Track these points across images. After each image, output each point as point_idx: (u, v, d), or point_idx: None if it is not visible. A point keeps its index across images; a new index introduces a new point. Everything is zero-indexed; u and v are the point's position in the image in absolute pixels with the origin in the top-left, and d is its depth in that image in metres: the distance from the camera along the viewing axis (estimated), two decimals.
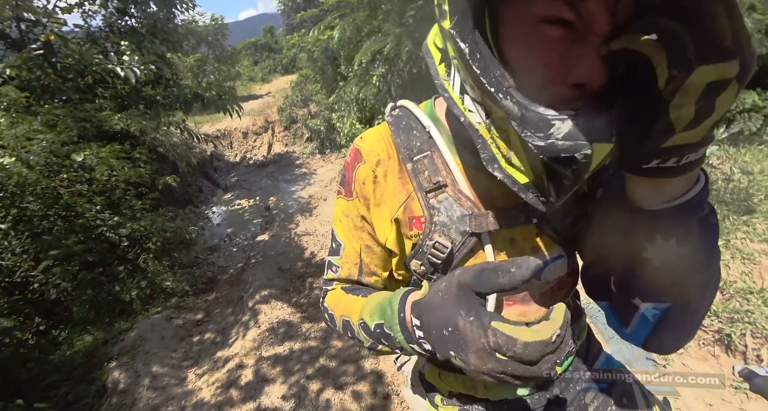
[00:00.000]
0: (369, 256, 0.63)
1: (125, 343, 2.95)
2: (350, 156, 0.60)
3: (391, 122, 0.60)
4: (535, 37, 0.37)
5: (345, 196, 0.61)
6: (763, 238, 2.48)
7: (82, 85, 4.37)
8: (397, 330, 0.49)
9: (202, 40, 12.42)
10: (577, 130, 0.35)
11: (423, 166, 0.55)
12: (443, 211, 0.55)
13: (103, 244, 3.60)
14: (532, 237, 0.56)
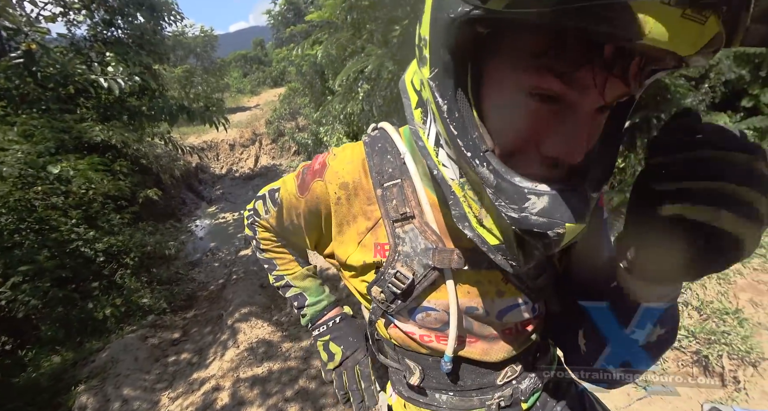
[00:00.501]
0: (291, 230, 0.70)
1: (96, 365, 2.81)
2: (319, 163, 0.59)
3: (368, 143, 0.58)
4: (519, 107, 0.35)
5: (297, 188, 0.61)
6: None
7: (64, 95, 4.28)
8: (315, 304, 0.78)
9: (190, 51, 12.41)
10: (552, 209, 0.35)
11: (392, 194, 0.55)
12: (408, 242, 0.54)
13: (77, 260, 3.47)
14: (497, 280, 0.56)
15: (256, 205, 0.74)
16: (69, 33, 5.06)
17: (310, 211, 0.61)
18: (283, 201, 0.65)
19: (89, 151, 4.07)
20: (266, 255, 0.80)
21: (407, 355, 0.64)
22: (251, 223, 0.78)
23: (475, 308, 0.56)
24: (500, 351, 0.60)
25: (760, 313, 2.19)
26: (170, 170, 6.78)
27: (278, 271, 0.80)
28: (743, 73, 3.30)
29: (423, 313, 0.57)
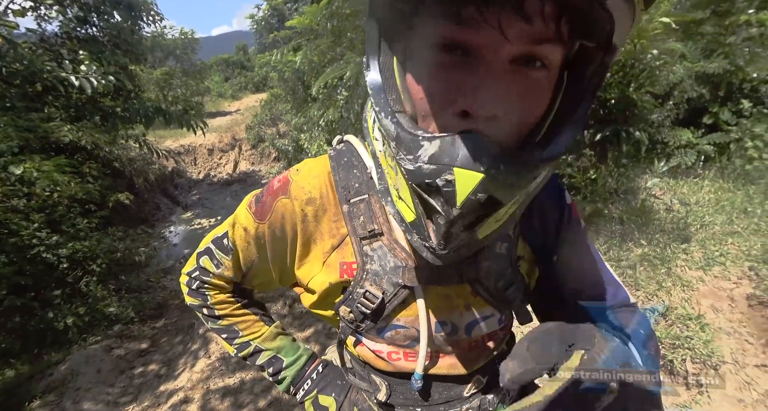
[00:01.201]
0: (254, 272, 0.63)
1: (54, 378, 2.64)
2: (279, 181, 0.56)
3: (333, 157, 0.56)
4: (426, 63, 0.35)
5: (254, 216, 0.56)
6: (700, 265, 2.68)
7: (30, 93, 4.09)
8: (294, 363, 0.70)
9: (169, 53, 12.16)
10: (441, 153, 0.32)
11: (359, 211, 0.52)
12: (376, 260, 0.52)
13: (38, 266, 3.28)
14: (466, 294, 0.55)
15: (201, 262, 0.63)
16: (39, 28, 4.87)
17: (275, 236, 0.56)
18: (237, 242, 0.59)
19: (56, 151, 3.90)
20: (223, 322, 0.68)
21: (374, 371, 0.63)
22: (198, 288, 0.66)
23: (444, 324, 0.55)
24: (468, 364, 0.60)
25: (721, 319, 2.30)
26: (144, 174, 6.57)
27: (242, 337, 0.68)
28: (704, 92, 3.53)
29: (392, 331, 0.56)
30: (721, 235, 2.96)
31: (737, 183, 3.62)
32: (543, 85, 0.35)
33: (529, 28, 0.31)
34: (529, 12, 0.30)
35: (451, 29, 0.32)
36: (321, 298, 0.57)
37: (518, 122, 0.35)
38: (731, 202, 3.34)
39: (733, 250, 2.80)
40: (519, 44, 0.32)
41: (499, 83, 0.32)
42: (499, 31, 0.30)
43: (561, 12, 0.31)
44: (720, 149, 3.78)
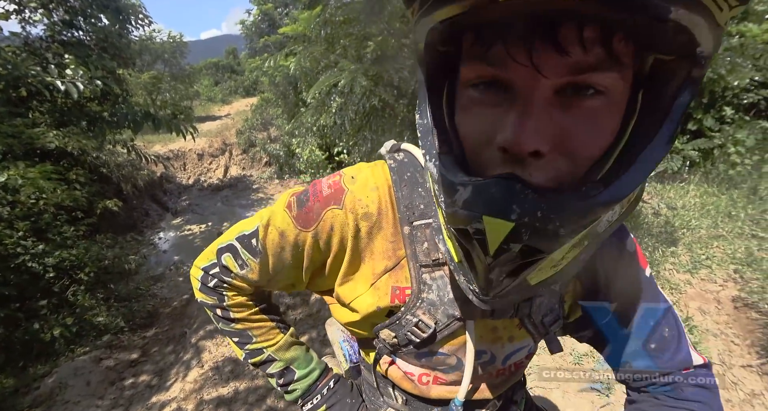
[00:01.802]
0: (282, 277, 0.57)
1: (41, 392, 2.57)
2: (329, 187, 0.51)
3: (394, 168, 0.51)
4: (465, 103, 0.35)
5: (296, 221, 0.51)
6: (687, 268, 2.74)
7: (14, 98, 4.00)
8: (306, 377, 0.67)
9: (158, 57, 12.03)
10: (473, 199, 0.31)
11: (423, 236, 0.48)
12: (435, 290, 0.49)
13: (23, 276, 3.19)
14: (513, 327, 0.54)
15: (223, 260, 0.57)
16: (23, 32, 4.77)
17: (317, 247, 0.51)
18: (269, 246, 0.53)
19: (42, 158, 3.81)
20: (238, 326, 0.64)
21: (395, 388, 0.63)
22: (216, 286, 0.60)
23: (484, 353, 0.55)
24: (494, 389, 0.60)
25: (708, 321, 2.36)
26: (133, 180, 6.46)
27: (255, 344, 0.64)
28: None
29: (432, 357, 0.55)
30: (707, 239, 3.04)
31: (721, 187, 3.72)
32: (601, 113, 0.31)
33: (567, 59, 0.28)
34: (564, 42, 0.27)
35: (485, 69, 0.31)
36: (363, 319, 0.53)
37: (572, 158, 0.32)
38: (716, 206, 3.43)
39: (719, 253, 2.88)
40: (556, 77, 0.29)
41: (540, 116, 0.30)
42: (532, 67, 0.28)
43: (611, 32, 0.28)
44: (704, 154, 3.88)
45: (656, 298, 0.55)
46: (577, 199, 0.30)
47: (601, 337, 0.58)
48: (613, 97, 0.31)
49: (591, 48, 0.28)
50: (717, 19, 0.26)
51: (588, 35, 0.27)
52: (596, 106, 0.31)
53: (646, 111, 0.32)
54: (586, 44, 0.27)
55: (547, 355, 2.19)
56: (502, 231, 0.30)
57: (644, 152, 0.30)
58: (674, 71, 0.30)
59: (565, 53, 0.27)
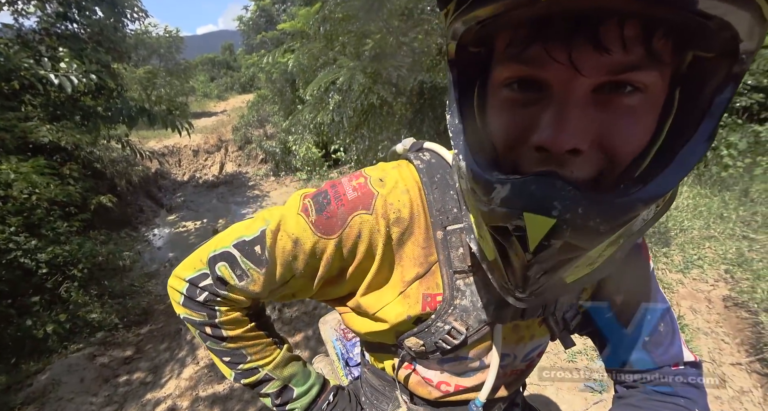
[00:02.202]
0: (288, 287, 0.52)
1: (33, 389, 2.55)
2: (355, 190, 0.46)
3: (422, 170, 0.48)
4: (503, 103, 0.34)
5: (315, 227, 0.46)
6: (679, 268, 2.78)
7: (7, 91, 3.94)
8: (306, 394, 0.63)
9: (153, 51, 11.89)
10: (512, 197, 0.31)
11: (458, 241, 0.46)
12: (468, 296, 0.48)
13: (15, 272, 3.15)
14: (534, 326, 0.54)
15: (217, 270, 0.49)
16: (16, 24, 4.69)
17: (340, 255, 0.47)
18: (278, 255, 0.47)
19: (34, 152, 3.76)
20: (231, 345, 0.56)
21: (403, 391, 0.62)
22: (207, 301, 0.52)
23: (507, 355, 0.55)
24: (509, 387, 0.61)
25: (699, 319, 2.40)
26: (127, 175, 6.40)
27: (250, 363, 0.58)
28: None
29: (456, 362, 0.54)
30: (699, 240, 3.08)
31: (714, 189, 3.78)
32: (639, 110, 0.31)
33: (607, 58, 0.27)
34: (605, 41, 0.27)
35: (521, 69, 0.31)
36: (390, 328, 0.50)
37: (611, 155, 0.31)
38: (708, 208, 3.48)
39: (710, 253, 2.92)
40: (596, 76, 0.28)
41: (578, 114, 0.29)
42: (571, 66, 0.28)
43: (651, 30, 0.27)
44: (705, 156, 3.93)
45: (656, 293, 0.56)
46: (618, 197, 0.30)
47: (600, 332, 0.59)
48: (652, 95, 0.30)
49: (632, 47, 0.27)
50: (764, 14, 0.25)
51: (629, 33, 0.27)
52: (634, 104, 0.30)
53: (684, 109, 0.32)
54: (627, 43, 0.27)
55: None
56: (543, 227, 0.29)
57: (683, 150, 0.30)
58: (714, 68, 0.29)
59: (605, 52, 0.27)
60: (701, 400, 0.55)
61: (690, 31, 0.27)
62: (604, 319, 0.57)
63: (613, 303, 0.56)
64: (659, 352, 0.56)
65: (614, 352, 0.58)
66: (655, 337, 0.55)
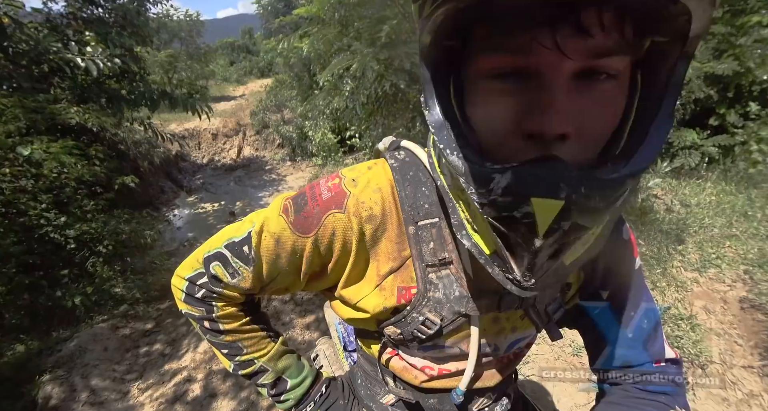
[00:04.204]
0: (277, 283, 0.55)
1: (62, 354, 2.74)
2: (329, 190, 0.49)
3: (396, 168, 0.50)
4: (487, 94, 0.34)
5: (293, 227, 0.49)
6: (695, 267, 2.71)
7: (37, 74, 4.09)
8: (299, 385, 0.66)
9: (174, 35, 12.03)
10: (515, 184, 0.31)
11: (429, 236, 0.48)
12: (441, 289, 0.50)
13: (46, 246, 3.35)
14: (515, 318, 0.55)
15: (212, 269, 0.54)
16: (45, 8, 4.83)
17: (318, 253, 0.50)
18: (263, 253, 0.51)
19: (63, 133, 3.92)
20: (228, 338, 0.60)
21: (389, 376, 0.64)
22: (204, 297, 0.56)
23: (488, 345, 0.56)
24: (492, 378, 0.62)
25: (712, 320, 2.35)
26: (149, 157, 6.61)
27: (246, 355, 0.62)
28: (712, 93, 3.49)
29: (436, 350, 0.56)
30: (720, 238, 2.98)
31: (740, 186, 3.62)
32: (612, 95, 0.33)
33: (589, 41, 0.29)
34: (586, 25, 0.28)
35: (506, 58, 0.32)
36: (370, 318, 0.54)
37: (592, 138, 0.33)
38: (732, 205, 3.35)
39: (730, 253, 2.83)
40: (580, 60, 0.30)
41: (564, 100, 0.30)
42: (557, 50, 0.29)
43: (624, 17, 0.29)
44: (725, 151, 3.76)
45: (641, 289, 0.57)
46: (610, 174, 0.32)
47: (588, 326, 0.60)
48: (622, 80, 0.33)
49: (609, 31, 0.29)
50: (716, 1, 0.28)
51: (607, 19, 0.29)
52: (608, 89, 0.32)
53: (646, 90, 0.34)
54: (606, 28, 0.29)
55: (546, 345, 2.23)
56: (552, 211, 0.30)
57: (652, 126, 0.33)
58: (669, 51, 0.32)
59: (588, 35, 0.29)
60: (681, 397, 0.55)
61: (652, 17, 0.30)
62: (596, 313, 0.58)
63: (598, 297, 0.57)
64: (640, 348, 0.57)
65: (598, 344, 0.59)
66: (639, 332, 0.57)
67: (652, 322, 0.57)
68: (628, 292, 0.56)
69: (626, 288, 0.56)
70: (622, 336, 0.57)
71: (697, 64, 3.32)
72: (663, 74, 0.33)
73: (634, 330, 0.56)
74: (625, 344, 0.57)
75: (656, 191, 3.73)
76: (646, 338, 0.57)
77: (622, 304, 0.56)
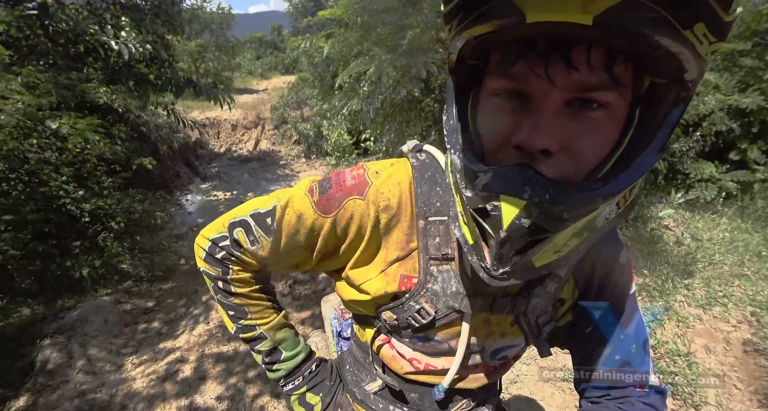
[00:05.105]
0: (291, 257, 0.60)
1: (65, 322, 2.83)
2: (354, 179, 0.54)
3: (416, 167, 0.55)
4: (488, 109, 0.40)
5: (316, 206, 0.54)
6: (700, 303, 2.64)
7: (72, 53, 4.28)
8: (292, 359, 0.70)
9: (206, 26, 12.36)
10: (491, 183, 0.36)
11: (436, 231, 0.52)
12: (440, 282, 0.53)
13: (62, 217, 3.48)
14: (506, 323, 0.57)
15: (235, 234, 0.59)
16: None
17: (334, 233, 0.54)
18: (284, 227, 0.55)
19: (90, 111, 4.07)
20: (236, 300, 0.65)
21: (378, 364, 0.67)
22: (223, 258, 0.61)
23: (476, 346, 0.58)
24: (475, 381, 0.63)
25: (712, 360, 2.28)
26: (169, 141, 6.79)
27: (249, 320, 0.67)
28: (734, 127, 3.42)
29: (426, 342, 0.59)
30: (729, 276, 2.90)
31: (756, 225, 3.52)
32: (602, 123, 0.36)
33: (576, 76, 0.33)
34: (575, 62, 0.33)
35: (508, 83, 0.37)
36: (371, 300, 0.57)
37: (577, 159, 0.37)
38: (746, 244, 3.26)
39: (738, 292, 2.75)
40: (568, 91, 0.34)
41: (551, 121, 0.35)
42: (547, 80, 0.34)
43: (612, 58, 0.33)
44: (743, 188, 3.66)
45: (634, 313, 0.59)
46: (579, 190, 0.35)
47: (578, 344, 0.61)
48: (614, 111, 0.36)
49: (596, 69, 0.33)
50: (699, 51, 0.30)
51: (594, 58, 0.33)
52: (598, 118, 0.36)
53: (641, 125, 0.37)
54: (592, 65, 0.33)
55: (537, 367, 2.21)
56: (515, 207, 0.35)
57: (639, 158, 0.36)
58: (666, 93, 0.35)
59: (574, 69, 0.33)
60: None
61: (645, 60, 0.33)
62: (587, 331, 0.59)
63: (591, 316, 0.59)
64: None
65: (586, 362, 0.60)
66: (627, 356, 0.58)
67: (641, 347, 0.59)
68: (620, 314, 0.58)
69: (619, 309, 0.58)
70: (608, 357, 0.58)
71: (721, 96, 3.26)
72: (660, 113, 0.36)
73: (622, 352, 0.58)
74: (610, 366, 0.58)
75: (667, 222, 3.66)
76: (633, 362, 0.58)
77: (613, 325, 0.58)
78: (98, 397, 2.25)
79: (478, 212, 0.38)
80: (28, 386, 2.32)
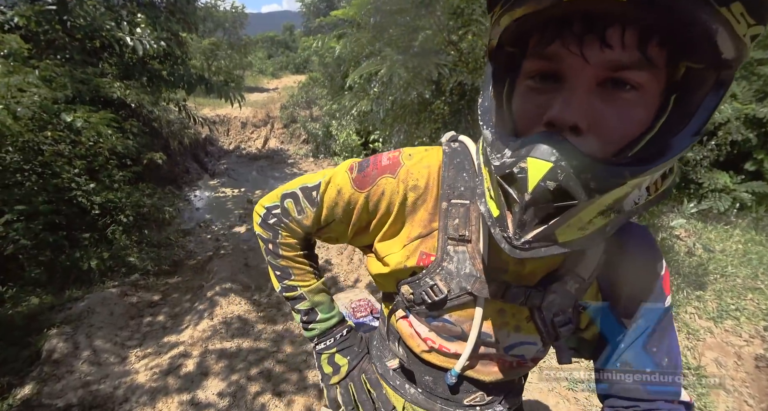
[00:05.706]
0: (330, 229, 0.66)
1: (71, 312, 2.86)
2: (389, 159, 0.59)
3: (447, 153, 0.58)
4: (522, 90, 0.42)
5: (353, 182, 0.59)
6: (711, 316, 2.58)
7: (89, 48, 4.34)
8: (326, 321, 0.76)
9: (219, 25, 12.50)
10: (520, 148, 0.38)
11: (457, 213, 0.55)
12: (455, 262, 0.56)
13: (73, 208, 3.53)
14: (521, 317, 0.57)
15: (285, 204, 0.67)
16: None
17: (367, 208, 0.59)
18: (326, 199, 0.62)
19: (104, 105, 4.13)
20: (283, 262, 0.73)
21: (398, 343, 0.70)
22: (274, 224, 0.70)
23: (488, 335, 0.59)
24: (488, 373, 0.63)
25: (723, 374, 2.23)
26: (179, 137, 6.86)
27: (292, 281, 0.74)
28: (751, 137, 3.35)
29: (440, 322, 0.60)
30: (742, 289, 2.84)
31: None
32: (633, 104, 0.37)
33: (609, 54, 0.34)
34: (609, 40, 0.33)
35: (543, 63, 0.39)
36: (391, 272, 0.61)
37: (605, 140, 0.37)
38: (760, 257, 3.18)
39: (751, 306, 2.69)
40: (600, 69, 0.35)
41: (583, 98, 0.36)
42: (581, 57, 0.35)
43: (647, 38, 0.33)
44: (758, 199, 3.58)
45: (669, 326, 0.57)
46: (607, 163, 0.36)
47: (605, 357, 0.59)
48: (647, 94, 0.36)
49: (629, 48, 0.34)
50: (736, 31, 0.30)
51: (628, 36, 0.33)
52: (630, 99, 0.36)
53: (676, 110, 0.38)
54: (626, 44, 0.33)
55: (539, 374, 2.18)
56: (541, 170, 0.36)
57: (672, 140, 0.36)
58: (703, 78, 0.35)
59: (608, 46, 0.34)
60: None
61: (680, 42, 0.33)
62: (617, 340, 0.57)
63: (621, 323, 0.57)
64: (657, 385, 0.56)
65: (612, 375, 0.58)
66: (658, 370, 0.56)
67: (674, 360, 0.57)
68: (654, 327, 0.57)
69: (652, 321, 0.56)
70: (639, 370, 0.56)
71: (738, 105, 3.20)
72: (696, 99, 0.36)
73: (654, 366, 0.56)
74: (640, 380, 0.56)
75: (679, 232, 3.59)
76: (664, 376, 0.57)
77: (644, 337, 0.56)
78: (101, 389, 2.26)
79: (505, 178, 0.39)
80: (33, 375, 2.34)
